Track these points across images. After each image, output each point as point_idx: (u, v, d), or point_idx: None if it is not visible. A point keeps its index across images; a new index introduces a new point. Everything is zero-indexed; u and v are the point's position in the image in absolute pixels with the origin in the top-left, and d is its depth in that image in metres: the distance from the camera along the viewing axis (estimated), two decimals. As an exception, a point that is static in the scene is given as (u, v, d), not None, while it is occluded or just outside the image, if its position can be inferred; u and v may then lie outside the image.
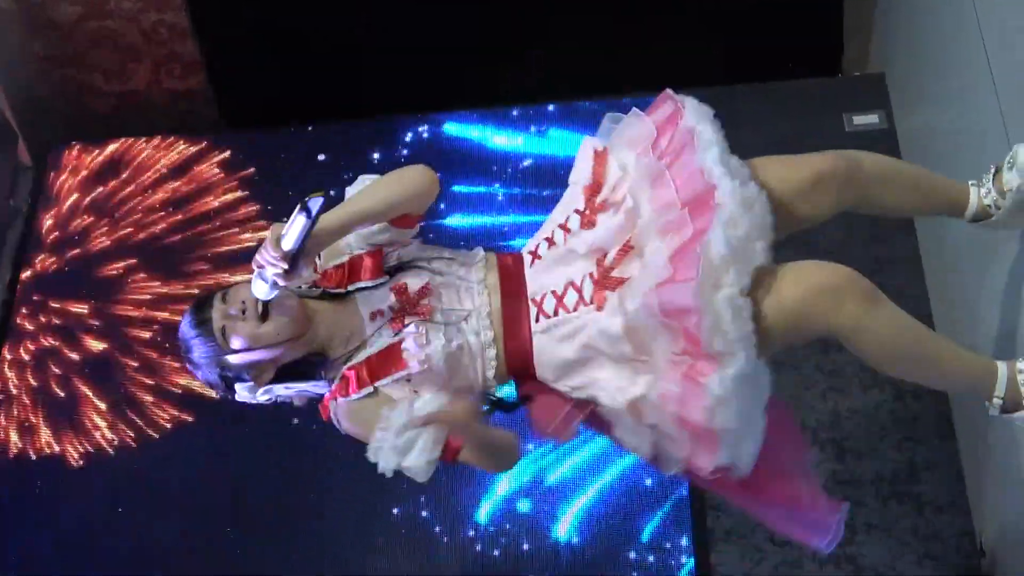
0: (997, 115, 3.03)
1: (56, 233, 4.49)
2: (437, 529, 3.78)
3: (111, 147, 4.69)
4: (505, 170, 4.41)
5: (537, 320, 2.54)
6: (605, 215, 2.56)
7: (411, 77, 4.79)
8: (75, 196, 4.56)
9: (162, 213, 4.48)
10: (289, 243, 2.34)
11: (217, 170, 4.57)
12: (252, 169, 4.55)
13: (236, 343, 2.47)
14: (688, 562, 3.62)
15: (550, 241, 2.61)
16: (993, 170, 2.75)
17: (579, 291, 2.52)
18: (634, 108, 2.67)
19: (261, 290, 2.40)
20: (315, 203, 2.34)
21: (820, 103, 4.42)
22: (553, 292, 2.54)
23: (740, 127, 4.34)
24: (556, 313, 2.53)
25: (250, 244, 4.32)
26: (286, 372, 2.55)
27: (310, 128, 4.65)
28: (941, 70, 3.70)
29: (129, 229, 4.46)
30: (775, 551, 3.61)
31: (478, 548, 3.75)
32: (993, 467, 3.28)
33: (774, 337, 2.44)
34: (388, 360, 2.51)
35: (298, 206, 2.34)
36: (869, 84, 4.44)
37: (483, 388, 2.57)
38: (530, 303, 2.56)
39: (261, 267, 2.40)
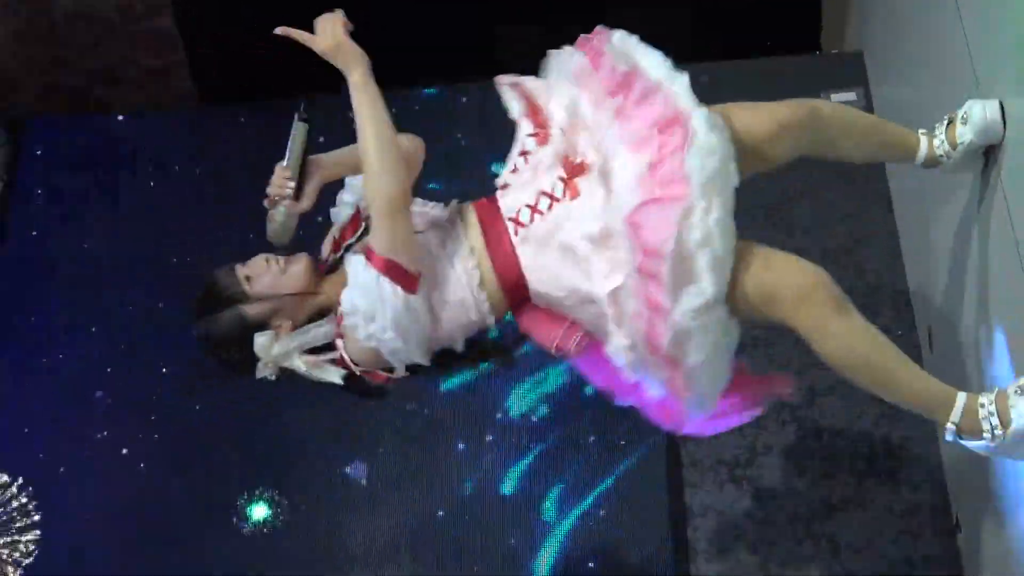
0: (974, 93, 3.03)
1: (28, 208, 4.46)
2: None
3: (85, 122, 4.66)
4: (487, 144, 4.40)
5: (516, 234, 2.64)
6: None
7: (392, 50, 4.77)
8: (48, 171, 4.52)
9: (137, 187, 4.46)
10: (291, 160, 2.61)
11: (193, 144, 4.54)
12: (228, 143, 4.52)
13: (260, 290, 2.62)
14: (668, 553, 3.63)
15: (515, 170, 2.72)
16: (946, 121, 2.92)
17: (551, 195, 2.62)
18: (565, 46, 2.81)
19: (275, 226, 2.61)
20: (302, 109, 2.62)
21: (798, 81, 4.41)
22: (527, 205, 2.64)
23: (717, 104, 4.42)
24: (532, 220, 2.63)
25: (227, 218, 4.29)
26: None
27: (287, 103, 4.61)
28: (919, 48, 3.70)
29: (103, 205, 4.43)
30: (752, 527, 3.63)
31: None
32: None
33: (737, 306, 2.54)
34: None
35: (295, 117, 2.66)
36: (847, 62, 4.45)
37: (476, 306, 2.63)
38: (507, 223, 2.65)
39: (272, 200, 2.60)
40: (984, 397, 2.57)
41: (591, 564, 3.65)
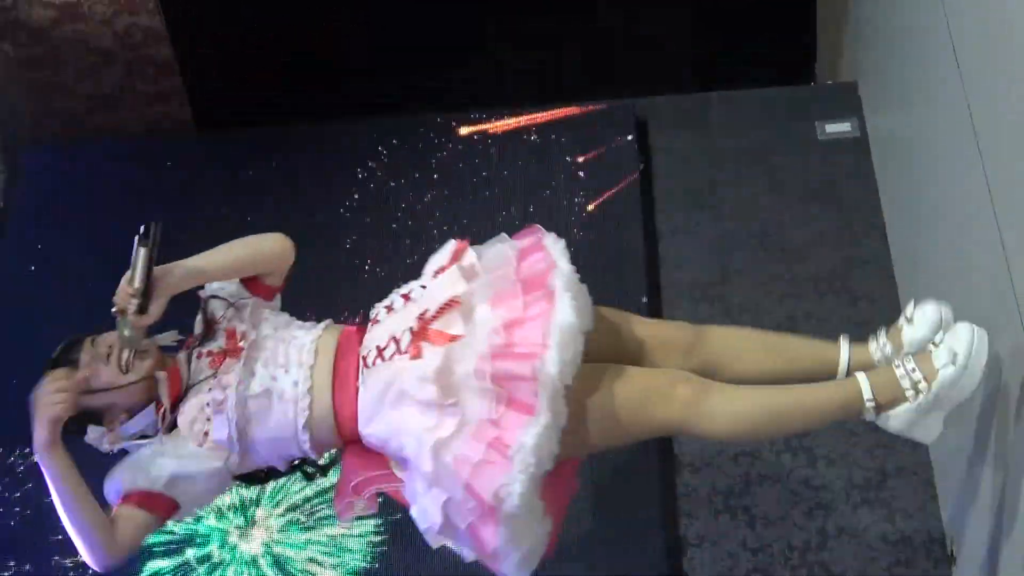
0: (968, 124, 3.05)
1: (25, 234, 4.47)
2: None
3: (82, 148, 4.68)
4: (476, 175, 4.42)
5: (360, 373, 2.61)
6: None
7: (387, 79, 4.81)
8: (45, 198, 4.54)
9: (134, 214, 4.45)
10: (137, 280, 2.48)
11: (190, 170, 4.55)
12: (226, 170, 4.54)
13: (96, 383, 2.57)
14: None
15: (389, 308, 2.69)
16: (884, 330, 2.80)
17: (397, 343, 2.58)
18: (502, 233, 2.75)
19: (124, 335, 2.52)
20: (151, 231, 2.50)
21: (793, 111, 4.44)
22: (377, 346, 2.61)
23: (713, 135, 4.46)
24: (375, 364, 2.59)
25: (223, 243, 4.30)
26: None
27: (284, 130, 4.65)
28: (913, 78, 3.72)
29: (100, 231, 4.43)
30: (747, 557, 3.62)
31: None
32: (963, 473, 3.30)
33: (595, 436, 2.57)
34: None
35: (135, 240, 2.50)
36: (842, 92, 4.47)
37: (296, 442, 2.61)
38: (360, 359, 2.62)
39: (120, 311, 2.51)
40: (897, 362, 2.58)
41: (586, 594, 3.65)
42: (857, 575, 3.57)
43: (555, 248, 2.65)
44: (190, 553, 3.76)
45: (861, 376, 2.59)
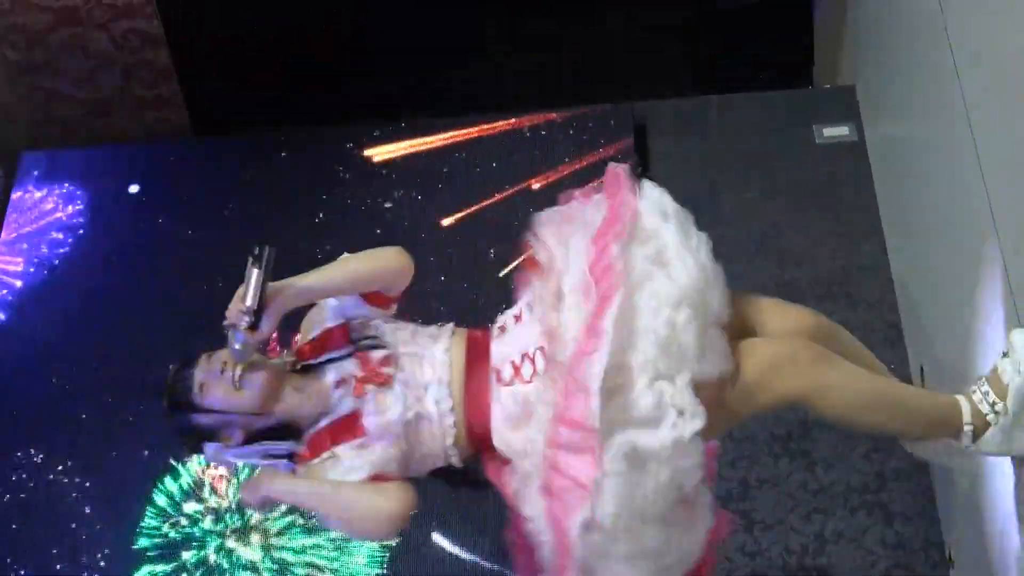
0: (966, 128, 3.05)
1: (22, 241, 4.47)
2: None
3: (81, 154, 4.68)
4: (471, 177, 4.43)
5: (493, 388, 2.56)
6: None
7: (387, 81, 4.82)
8: (42, 204, 4.54)
9: (131, 219, 4.47)
10: (249, 298, 2.45)
11: (188, 176, 4.56)
12: (223, 175, 4.54)
13: (210, 402, 2.55)
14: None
15: (517, 318, 2.63)
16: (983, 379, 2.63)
17: (533, 362, 2.54)
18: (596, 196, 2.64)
19: (235, 349, 2.50)
20: (264, 253, 2.45)
21: (791, 115, 4.44)
22: (511, 361, 2.56)
23: (711, 138, 4.46)
24: (512, 383, 2.55)
25: (221, 248, 4.30)
26: (254, 436, 2.60)
27: (283, 132, 4.65)
28: (911, 83, 3.72)
29: (97, 237, 4.44)
30: (745, 561, 3.63)
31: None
32: (962, 477, 3.30)
33: (730, 412, 2.51)
34: (347, 427, 2.55)
35: (249, 260, 2.46)
36: (840, 96, 4.47)
37: (444, 457, 2.60)
38: (492, 372, 2.58)
39: (231, 325, 2.48)
40: (973, 387, 2.58)
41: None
42: (855, 579, 3.58)
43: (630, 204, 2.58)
44: (186, 557, 3.76)
45: (962, 399, 2.58)
